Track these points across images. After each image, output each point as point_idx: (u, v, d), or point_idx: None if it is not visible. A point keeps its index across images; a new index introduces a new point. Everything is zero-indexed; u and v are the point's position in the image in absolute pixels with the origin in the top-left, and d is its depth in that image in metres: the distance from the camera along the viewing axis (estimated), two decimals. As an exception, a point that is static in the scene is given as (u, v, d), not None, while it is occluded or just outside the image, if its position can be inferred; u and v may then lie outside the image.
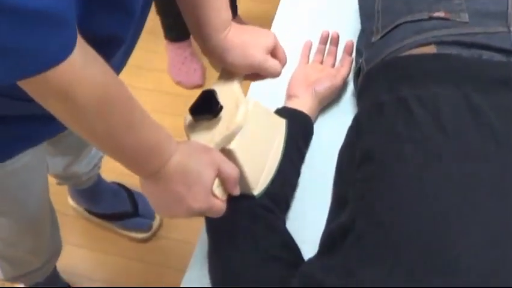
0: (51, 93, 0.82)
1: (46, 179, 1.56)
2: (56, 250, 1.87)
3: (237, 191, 1.10)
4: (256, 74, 1.22)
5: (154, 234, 2.32)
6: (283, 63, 1.23)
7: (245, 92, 1.51)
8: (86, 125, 0.90)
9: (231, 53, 1.17)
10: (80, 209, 2.35)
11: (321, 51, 1.59)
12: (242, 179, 1.16)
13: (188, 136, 1.16)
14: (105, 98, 0.86)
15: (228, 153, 1.12)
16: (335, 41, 1.58)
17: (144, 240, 2.31)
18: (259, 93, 1.50)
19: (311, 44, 1.60)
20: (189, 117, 1.16)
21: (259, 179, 1.22)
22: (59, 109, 0.86)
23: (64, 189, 2.27)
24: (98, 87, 0.85)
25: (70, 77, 0.80)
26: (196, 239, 1.32)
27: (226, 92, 1.17)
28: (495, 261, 0.98)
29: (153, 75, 2.86)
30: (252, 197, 1.20)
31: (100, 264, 2.31)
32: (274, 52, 1.22)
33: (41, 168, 1.49)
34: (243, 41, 1.17)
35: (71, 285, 2.17)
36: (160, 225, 2.33)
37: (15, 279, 1.84)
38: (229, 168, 1.07)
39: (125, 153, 0.97)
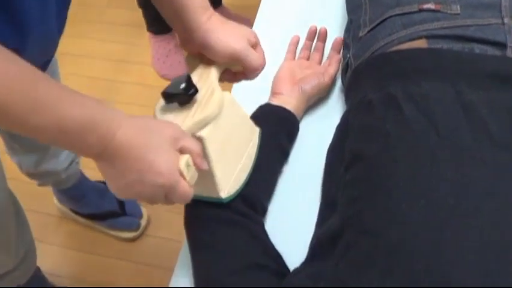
0: None
1: (0, 170, 1.49)
2: (28, 249, 1.80)
3: (204, 166, 1.04)
4: (233, 73, 1.19)
5: (142, 234, 2.29)
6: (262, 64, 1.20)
7: (229, 87, 1.47)
8: None
9: (214, 35, 1.13)
10: (66, 210, 2.33)
11: (308, 48, 1.55)
12: (210, 177, 1.11)
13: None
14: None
15: (197, 141, 1.07)
16: (323, 37, 1.54)
17: (132, 240, 2.28)
18: (243, 89, 1.47)
19: (298, 40, 1.56)
20: (161, 102, 1.10)
21: (229, 181, 1.17)
22: None
23: (49, 190, 2.24)
24: None
25: None
26: (183, 237, 1.27)
27: (203, 80, 1.13)
28: (489, 269, 0.94)
29: (137, 69, 2.83)
30: (221, 202, 1.16)
31: (87, 265, 2.28)
32: (255, 50, 1.19)
33: None
34: (225, 28, 1.15)
35: (57, 287, 2.14)
36: (148, 224, 2.30)
37: None
38: (192, 144, 1.02)
39: (45, 134, 0.89)
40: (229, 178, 1.17)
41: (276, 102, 1.38)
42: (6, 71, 0.82)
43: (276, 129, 1.33)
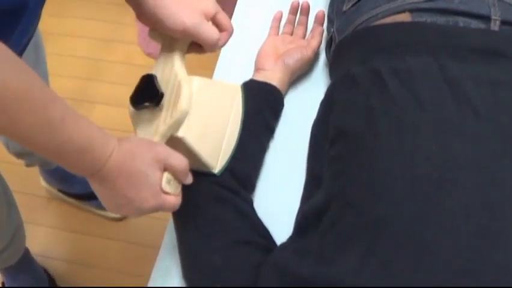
0: None
1: None
2: (17, 230, 1.81)
3: (189, 181, 1.08)
4: (198, 45, 1.15)
5: (130, 212, 2.28)
6: (229, 32, 1.17)
7: (213, 64, 1.46)
8: None
9: (163, 12, 1.09)
10: (54, 190, 2.32)
11: (291, 22, 1.54)
12: (199, 162, 1.12)
13: (134, 128, 1.11)
14: (5, 94, 0.80)
15: (178, 141, 1.08)
16: (305, 11, 1.53)
17: (119, 219, 2.29)
18: (227, 66, 1.46)
19: (281, 16, 1.55)
20: (131, 107, 1.09)
21: (219, 156, 1.18)
22: None
23: (35, 170, 2.24)
24: None
25: None
26: (168, 215, 1.27)
27: (167, 73, 1.11)
28: (473, 242, 0.93)
29: (123, 48, 2.82)
30: (213, 175, 1.17)
31: (76, 246, 2.28)
32: (216, 19, 1.15)
33: None
34: (178, 2, 1.10)
35: (47, 268, 2.13)
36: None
37: None
38: (176, 162, 1.03)
39: (46, 152, 0.91)
40: (217, 155, 1.18)
41: (259, 78, 1.37)
42: (18, 86, 0.82)
43: (261, 105, 1.33)
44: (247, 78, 1.39)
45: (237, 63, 1.37)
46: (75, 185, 2.25)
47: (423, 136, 1.04)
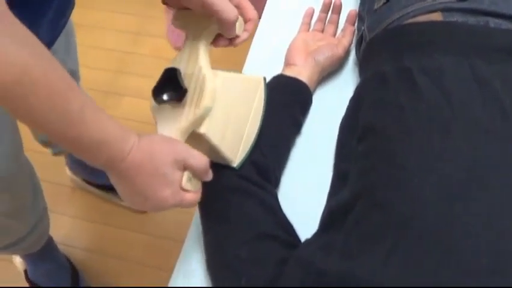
0: None
1: (16, 136, 1.49)
2: (41, 216, 1.82)
3: (208, 178, 1.08)
4: (224, 39, 1.15)
5: (154, 205, 2.28)
6: (253, 21, 1.16)
7: (243, 60, 1.47)
8: (7, 106, 0.84)
9: None
10: (79, 180, 2.33)
11: (322, 20, 1.54)
12: (219, 156, 1.13)
13: (155, 121, 1.10)
14: (23, 78, 0.80)
15: (199, 137, 1.07)
16: (337, 9, 1.53)
17: (144, 211, 2.27)
18: (257, 60, 1.46)
19: (312, 12, 1.55)
20: (153, 101, 1.08)
21: (238, 149, 1.18)
22: None
23: (61, 160, 2.25)
24: (13, 65, 0.79)
25: None
26: (194, 209, 1.27)
27: (192, 66, 1.10)
28: (499, 242, 0.93)
29: (152, 41, 2.83)
30: (233, 168, 1.18)
31: (99, 236, 2.29)
32: (241, 9, 1.15)
33: (5, 124, 1.42)
34: None
35: (69, 257, 2.15)
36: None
37: (6, 248, 1.80)
38: (196, 162, 1.03)
39: (63, 142, 0.91)
40: (237, 148, 1.18)
41: (289, 73, 1.37)
42: (37, 71, 0.82)
43: (289, 100, 1.33)
44: (275, 72, 1.39)
45: (267, 59, 1.37)
46: (100, 176, 2.19)
47: (452, 136, 1.04)
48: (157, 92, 1.06)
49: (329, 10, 1.54)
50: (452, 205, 0.96)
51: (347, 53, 1.47)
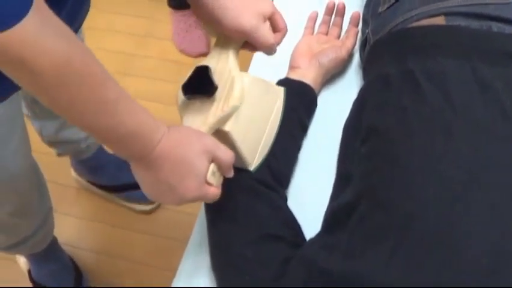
0: (6, 60, 0.78)
1: (25, 136, 1.50)
2: (46, 215, 1.83)
3: (231, 174, 1.08)
4: (251, 45, 1.17)
5: (158, 206, 2.29)
6: (283, 32, 1.19)
7: (248, 62, 1.47)
8: (48, 96, 0.86)
9: (223, 12, 1.10)
10: (83, 181, 2.33)
11: (326, 23, 1.55)
12: (238, 157, 1.13)
13: (181, 115, 1.12)
14: (66, 68, 0.82)
15: (223, 135, 1.09)
16: (341, 12, 1.54)
17: (148, 212, 2.29)
18: (262, 63, 1.48)
19: (316, 15, 1.56)
20: (182, 96, 1.10)
21: (256, 153, 1.19)
22: (17, 76, 0.83)
23: (66, 161, 2.26)
24: (56, 55, 0.80)
25: (24, 42, 0.76)
26: (197, 209, 1.30)
27: (221, 67, 1.12)
28: (500, 243, 0.94)
29: (158, 44, 2.82)
30: (248, 171, 1.18)
31: (103, 237, 2.29)
32: (272, 21, 1.17)
33: (16, 122, 1.42)
34: (237, 3, 1.11)
35: (73, 257, 2.15)
36: (164, 197, 2.30)
37: (10, 248, 1.82)
38: (224, 155, 1.04)
39: (98, 133, 0.93)
40: (255, 152, 1.19)
41: (294, 76, 1.39)
42: (81, 61, 0.84)
43: (296, 103, 1.33)
44: (281, 76, 1.41)
45: (271, 62, 1.38)
46: (105, 177, 2.26)
47: (454, 138, 1.06)
48: (187, 88, 1.08)
49: (332, 13, 1.55)
50: (453, 206, 0.98)
51: (350, 56, 1.48)
